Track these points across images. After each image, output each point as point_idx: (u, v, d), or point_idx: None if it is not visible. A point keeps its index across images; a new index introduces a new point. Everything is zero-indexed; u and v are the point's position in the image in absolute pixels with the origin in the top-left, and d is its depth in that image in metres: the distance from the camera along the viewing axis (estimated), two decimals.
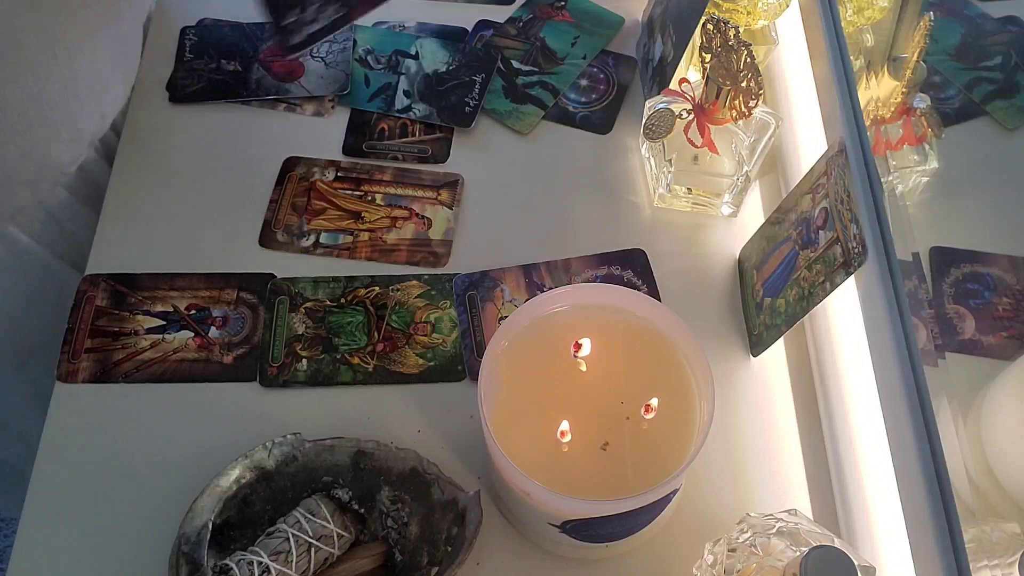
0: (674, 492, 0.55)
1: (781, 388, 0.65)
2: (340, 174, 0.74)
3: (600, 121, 0.77)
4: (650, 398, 0.52)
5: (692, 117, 0.66)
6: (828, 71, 0.62)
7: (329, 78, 0.78)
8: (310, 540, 0.54)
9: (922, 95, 0.63)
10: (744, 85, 0.62)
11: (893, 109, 0.64)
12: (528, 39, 0.82)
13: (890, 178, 0.62)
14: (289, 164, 0.74)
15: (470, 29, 0.82)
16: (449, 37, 0.82)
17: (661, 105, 0.67)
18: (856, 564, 0.43)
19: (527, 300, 0.55)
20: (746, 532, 0.50)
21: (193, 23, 0.82)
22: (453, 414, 0.63)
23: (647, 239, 0.71)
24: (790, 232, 0.63)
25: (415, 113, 0.77)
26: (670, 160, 0.68)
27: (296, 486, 0.58)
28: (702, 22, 0.66)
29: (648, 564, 0.58)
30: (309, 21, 0.58)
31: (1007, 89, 0.63)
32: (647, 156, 0.74)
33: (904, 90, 0.62)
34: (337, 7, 0.58)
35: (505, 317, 0.66)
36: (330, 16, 0.58)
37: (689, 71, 0.75)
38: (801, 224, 0.61)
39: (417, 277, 0.68)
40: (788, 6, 0.72)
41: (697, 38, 0.67)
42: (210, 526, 0.54)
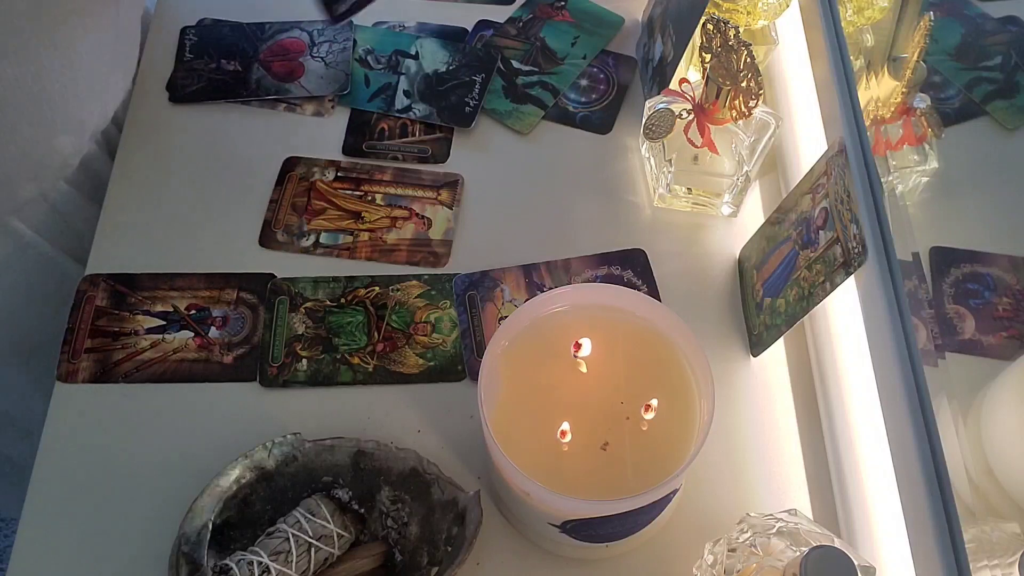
0: (674, 492, 0.55)
1: (781, 388, 0.65)
2: (340, 174, 0.74)
3: (600, 121, 0.77)
4: (650, 398, 0.52)
5: (692, 117, 0.66)
6: (828, 71, 0.62)
7: (329, 78, 0.78)
8: (310, 540, 0.54)
9: (922, 95, 0.63)
10: (744, 85, 0.62)
11: (893, 109, 0.64)
12: (528, 39, 0.82)
13: (890, 178, 0.62)
14: (289, 164, 0.74)
15: (470, 29, 0.82)
16: (449, 37, 0.82)
17: (661, 105, 0.67)
18: (856, 564, 0.43)
19: (527, 300, 0.55)
20: (746, 532, 0.50)
21: (193, 23, 0.82)
22: (453, 414, 0.63)
23: (647, 239, 0.71)
24: (790, 232, 0.63)
25: (415, 113, 0.77)
26: (670, 160, 0.68)
27: (296, 486, 0.58)
28: (702, 22, 0.66)
29: (648, 564, 0.58)
30: None
31: (1007, 89, 0.62)
32: (647, 156, 0.74)
33: (904, 90, 0.62)
34: None
35: (505, 317, 0.66)
36: None
37: (689, 71, 0.75)
38: (801, 224, 0.61)
39: (417, 277, 0.68)
40: (788, 6, 0.72)
41: (697, 38, 0.67)
42: (210, 526, 0.54)
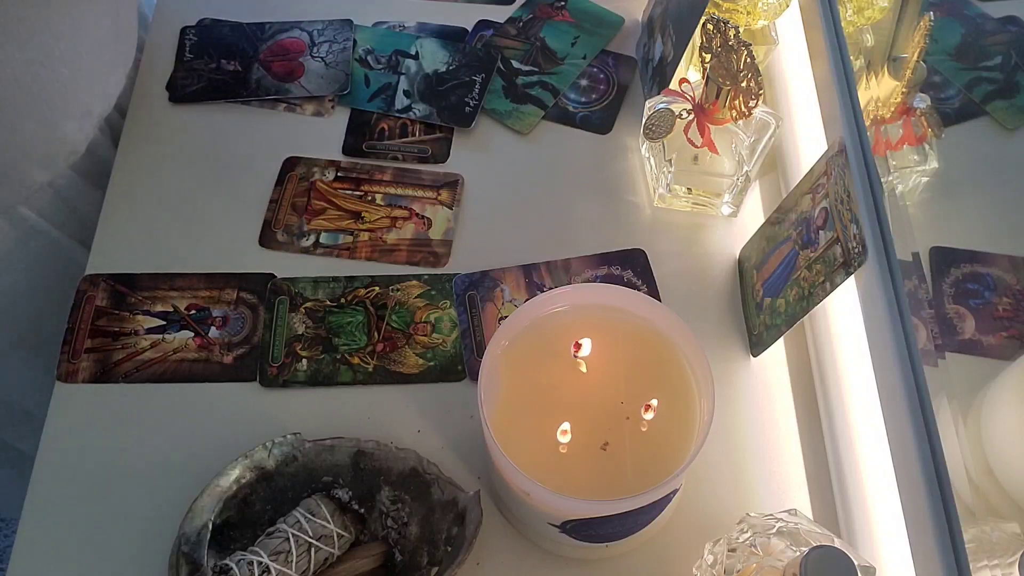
0: (674, 492, 0.55)
1: (781, 388, 0.65)
2: (340, 174, 0.74)
3: (600, 121, 0.77)
4: (650, 398, 0.52)
5: (692, 117, 0.66)
6: (828, 71, 0.62)
7: (329, 78, 0.78)
8: (310, 540, 0.54)
9: (922, 95, 0.63)
10: (744, 85, 0.62)
11: (893, 109, 0.64)
12: (528, 39, 0.82)
13: (890, 178, 0.62)
14: (289, 164, 0.74)
15: (470, 29, 0.82)
16: (449, 37, 0.82)
17: (661, 105, 0.67)
18: (856, 564, 0.43)
19: (527, 300, 0.55)
20: (746, 532, 0.50)
21: (193, 23, 0.82)
22: (453, 414, 0.63)
23: (647, 239, 0.71)
24: (790, 232, 0.63)
25: (415, 113, 0.77)
26: (670, 160, 0.68)
27: (296, 486, 0.58)
28: (702, 22, 0.66)
29: (648, 564, 0.58)
30: None
31: (1007, 89, 0.62)
32: (647, 156, 0.74)
33: (904, 90, 0.62)
34: None
35: (505, 317, 0.66)
36: None
37: (689, 71, 0.75)
38: (801, 224, 0.61)
39: (417, 277, 0.68)
40: (788, 6, 0.72)
41: (697, 38, 0.67)
42: (210, 526, 0.54)
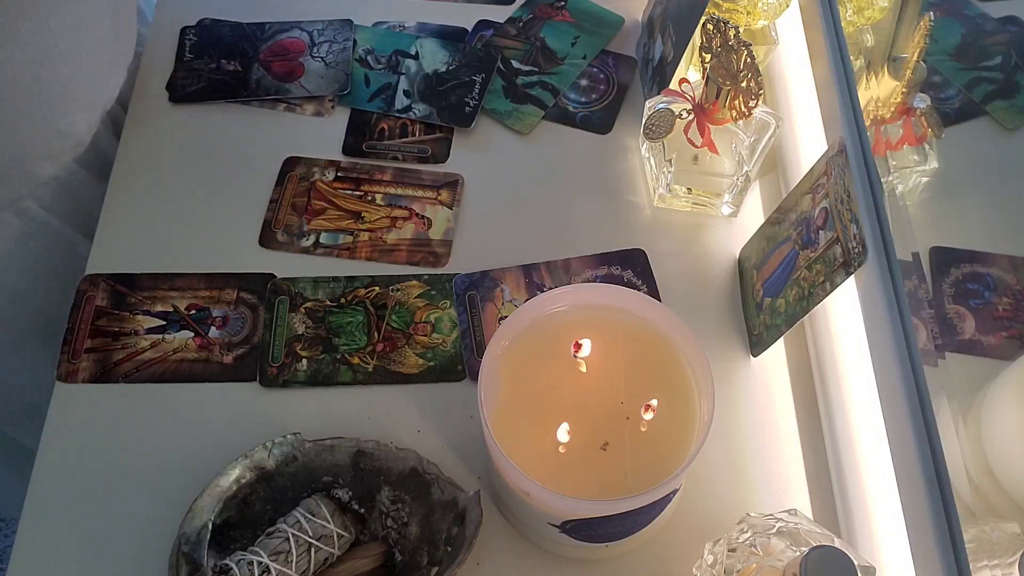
0: (674, 492, 0.55)
1: (781, 388, 0.65)
2: (340, 174, 0.74)
3: (600, 121, 0.77)
4: (650, 398, 0.52)
5: (692, 117, 0.66)
6: (828, 71, 0.62)
7: (329, 78, 0.78)
8: (310, 540, 0.54)
9: (922, 95, 0.63)
10: (744, 85, 0.62)
11: (893, 109, 0.64)
12: (528, 39, 0.82)
13: (890, 178, 0.62)
14: (289, 164, 0.74)
15: (470, 29, 0.82)
16: (449, 37, 0.82)
17: (661, 105, 0.67)
18: (856, 564, 0.43)
19: (527, 300, 0.55)
20: (746, 532, 0.50)
21: (193, 23, 0.82)
22: (453, 414, 0.63)
23: (647, 239, 0.71)
24: (790, 232, 0.63)
25: (415, 113, 0.77)
26: (670, 160, 0.68)
27: (296, 486, 0.58)
28: (702, 22, 0.66)
29: (648, 564, 0.58)
30: None
31: (1007, 89, 0.63)
32: (647, 156, 0.74)
33: (904, 90, 0.62)
34: None
35: (505, 317, 0.66)
36: None
37: (689, 71, 0.75)
38: (801, 224, 0.61)
39: (417, 277, 0.68)
40: (788, 6, 0.72)
41: (697, 38, 0.67)
42: (210, 526, 0.54)
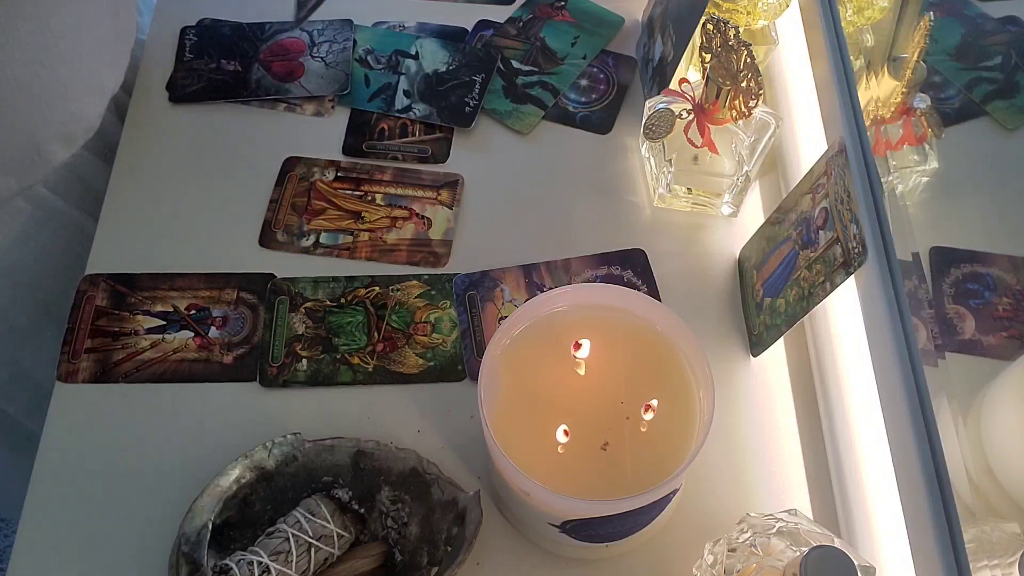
0: (674, 492, 0.55)
1: (781, 388, 0.65)
2: (340, 174, 0.74)
3: (600, 121, 0.77)
4: (650, 398, 0.52)
5: (692, 117, 0.66)
6: (828, 71, 0.62)
7: (329, 78, 0.78)
8: (310, 540, 0.54)
9: (922, 95, 0.63)
10: (744, 85, 0.62)
11: (893, 109, 0.64)
12: (528, 39, 0.82)
13: (890, 178, 0.62)
14: (289, 164, 0.74)
15: (470, 29, 0.82)
16: (449, 37, 0.82)
17: (661, 105, 0.67)
18: (856, 564, 0.43)
19: (527, 300, 0.55)
20: (746, 532, 0.50)
21: (193, 23, 0.82)
22: (453, 414, 0.63)
23: (647, 239, 0.71)
24: (790, 232, 0.63)
25: (415, 113, 0.77)
26: (670, 160, 0.68)
27: (296, 486, 0.58)
28: (702, 22, 0.66)
29: (648, 564, 0.58)
30: None
31: (1007, 89, 0.63)
32: (647, 156, 0.74)
33: (904, 90, 0.62)
34: None
35: (505, 317, 0.66)
36: None
37: (689, 71, 0.75)
38: (801, 224, 0.61)
39: (417, 277, 0.68)
40: (788, 6, 0.72)
41: (697, 38, 0.67)
42: (210, 526, 0.54)
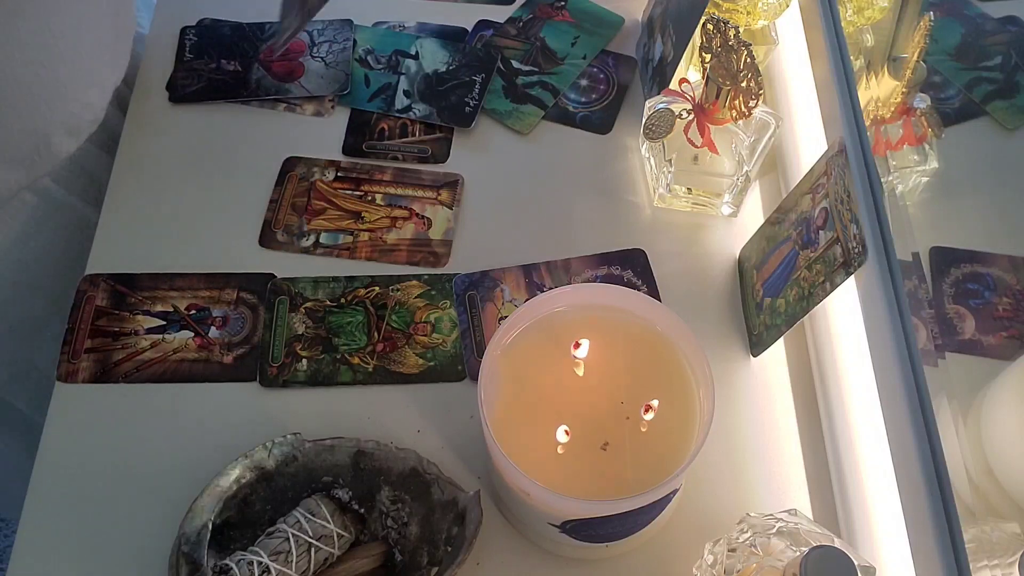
0: (674, 492, 0.55)
1: (781, 388, 0.65)
2: (340, 174, 0.74)
3: (600, 121, 0.77)
4: (650, 398, 0.52)
5: (692, 117, 0.66)
6: (828, 71, 0.62)
7: (329, 78, 0.78)
8: (310, 540, 0.54)
9: (922, 95, 0.63)
10: (744, 85, 0.62)
11: (893, 109, 0.64)
12: (528, 39, 0.82)
13: (890, 178, 0.62)
14: (289, 164, 0.74)
15: (470, 29, 0.82)
16: (449, 37, 0.82)
17: (661, 105, 0.67)
18: (856, 564, 0.43)
19: (527, 300, 0.55)
20: (746, 532, 0.50)
21: (193, 23, 0.82)
22: (453, 414, 0.63)
23: (647, 239, 0.71)
24: (790, 232, 0.63)
25: (415, 113, 0.77)
26: (670, 160, 0.68)
27: (296, 486, 0.58)
28: (702, 22, 0.66)
29: (648, 564, 0.58)
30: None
31: (1007, 89, 0.63)
32: (647, 156, 0.74)
33: (904, 90, 0.62)
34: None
35: (505, 317, 0.66)
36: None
37: (689, 71, 0.75)
38: (801, 224, 0.61)
39: (417, 277, 0.68)
40: (788, 6, 0.72)
41: (697, 38, 0.67)
42: (210, 526, 0.54)
